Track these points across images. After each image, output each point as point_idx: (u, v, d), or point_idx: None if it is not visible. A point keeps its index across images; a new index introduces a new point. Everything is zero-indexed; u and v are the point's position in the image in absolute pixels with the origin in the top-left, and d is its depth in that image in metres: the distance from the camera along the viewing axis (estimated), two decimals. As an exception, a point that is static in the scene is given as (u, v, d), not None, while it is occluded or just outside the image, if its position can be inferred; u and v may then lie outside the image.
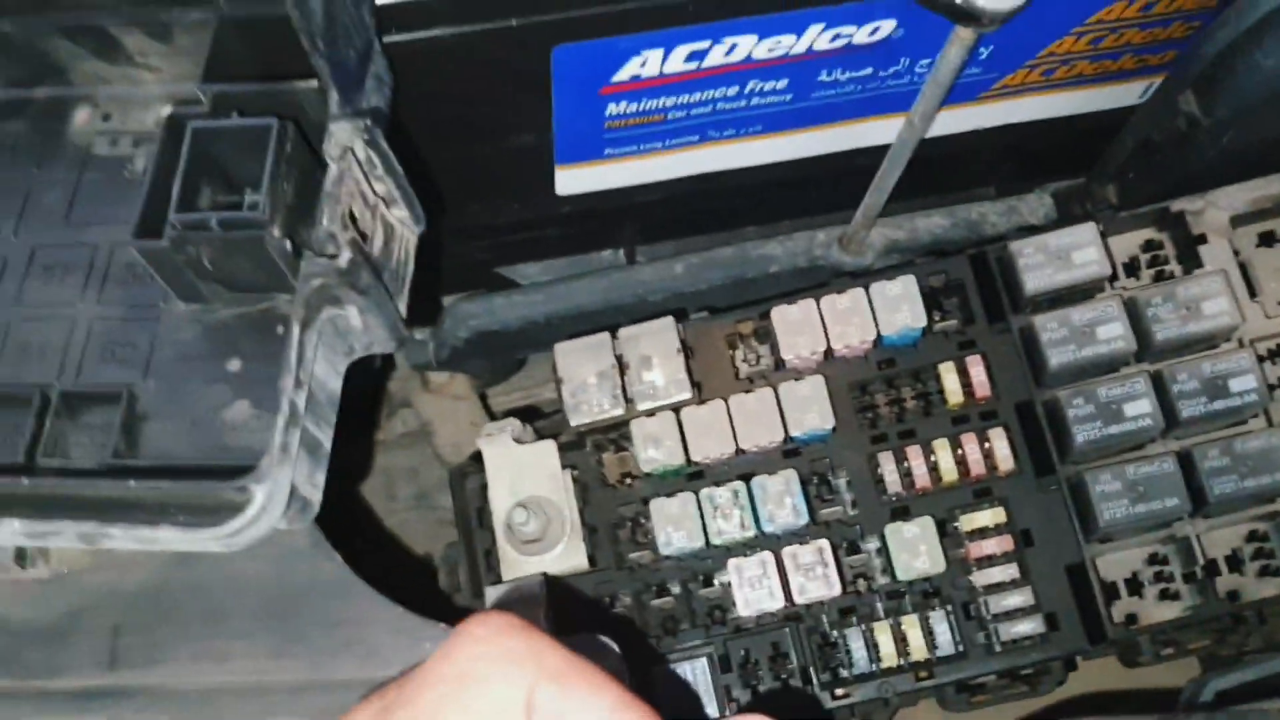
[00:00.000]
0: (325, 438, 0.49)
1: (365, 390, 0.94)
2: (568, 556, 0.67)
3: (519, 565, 0.67)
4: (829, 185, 0.80)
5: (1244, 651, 0.66)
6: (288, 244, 0.49)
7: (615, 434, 0.68)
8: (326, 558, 0.55)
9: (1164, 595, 0.63)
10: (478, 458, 0.70)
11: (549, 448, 0.69)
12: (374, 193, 0.49)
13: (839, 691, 0.62)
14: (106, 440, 0.51)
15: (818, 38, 0.62)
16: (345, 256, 0.46)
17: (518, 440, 0.70)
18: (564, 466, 0.68)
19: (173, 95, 0.57)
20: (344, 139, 0.47)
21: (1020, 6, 0.54)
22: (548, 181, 0.72)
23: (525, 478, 0.68)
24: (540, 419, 0.87)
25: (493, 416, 0.98)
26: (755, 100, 0.67)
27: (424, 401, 0.95)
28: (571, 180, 0.72)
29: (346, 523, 0.95)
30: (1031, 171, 0.84)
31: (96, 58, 0.56)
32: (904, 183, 0.70)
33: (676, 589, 0.65)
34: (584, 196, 0.74)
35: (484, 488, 0.69)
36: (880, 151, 0.74)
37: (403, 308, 0.51)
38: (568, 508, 0.67)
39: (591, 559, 0.66)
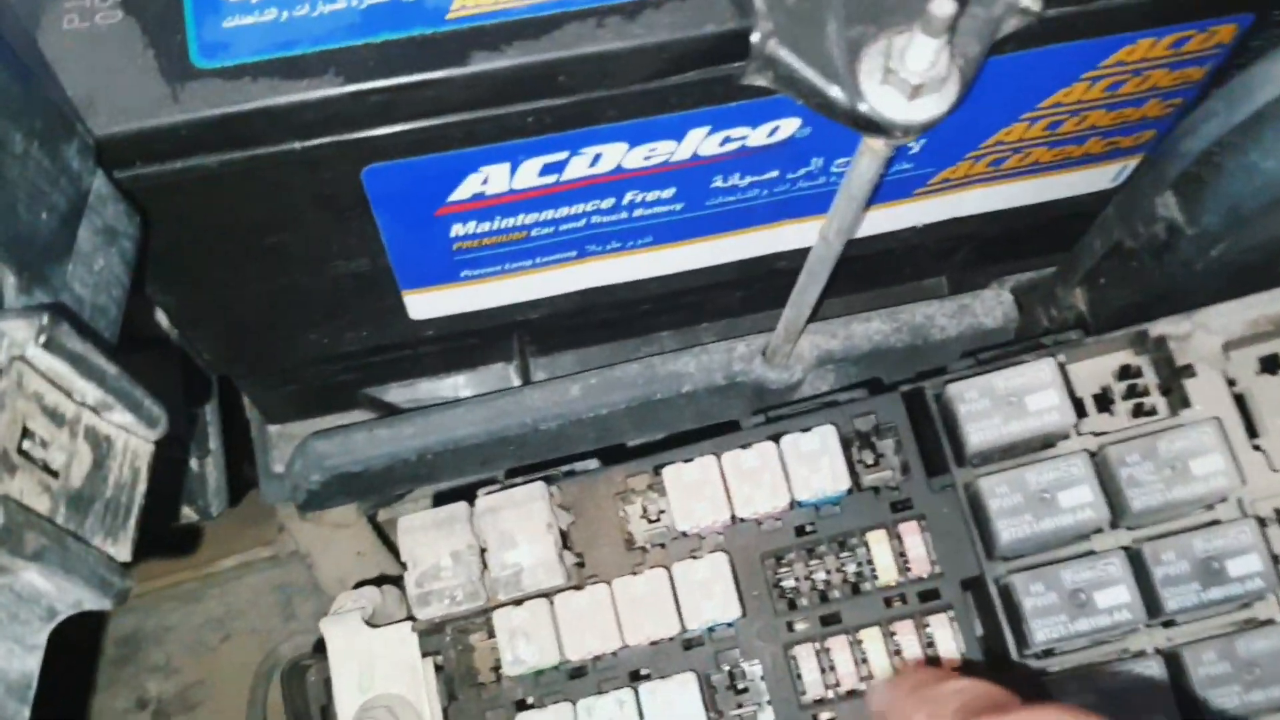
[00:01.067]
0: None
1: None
2: (425, 771, 0.53)
3: (367, 782, 0.54)
4: (748, 288, 0.68)
5: None
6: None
7: (483, 617, 0.54)
8: None
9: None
10: (320, 646, 0.57)
11: (407, 633, 0.56)
12: (74, 403, 0.36)
13: None
14: None
15: (703, 142, 0.49)
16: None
17: (370, 623, 0.57)
18: (425, 654, 0.55)
19: None
20: (10, 344, 0.34)
21: (940, 117, 0.41)
22: (397, 307, 0.58)
23: (377, 671, 0.55)
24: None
25: (384, 539, 0.85)
26: (639, 211, 0.54)
27: (300, 529, 0.82)
28: (425, 305, 0.59)
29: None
30: (991, 258, 0.71)
31: None
32: (838, 278, 0.57)
33: (551, 818, 0.52)
34: (447, 319, 0.61)
35: (327, 682, 0.56)
36: (803, 254, 0.61)
37: (124, 546, 0.38)
38: (428, 710, 0.54)
39: (453, 775, 0.53)
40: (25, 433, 0.35)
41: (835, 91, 0.42)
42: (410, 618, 0.55)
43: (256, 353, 0.61)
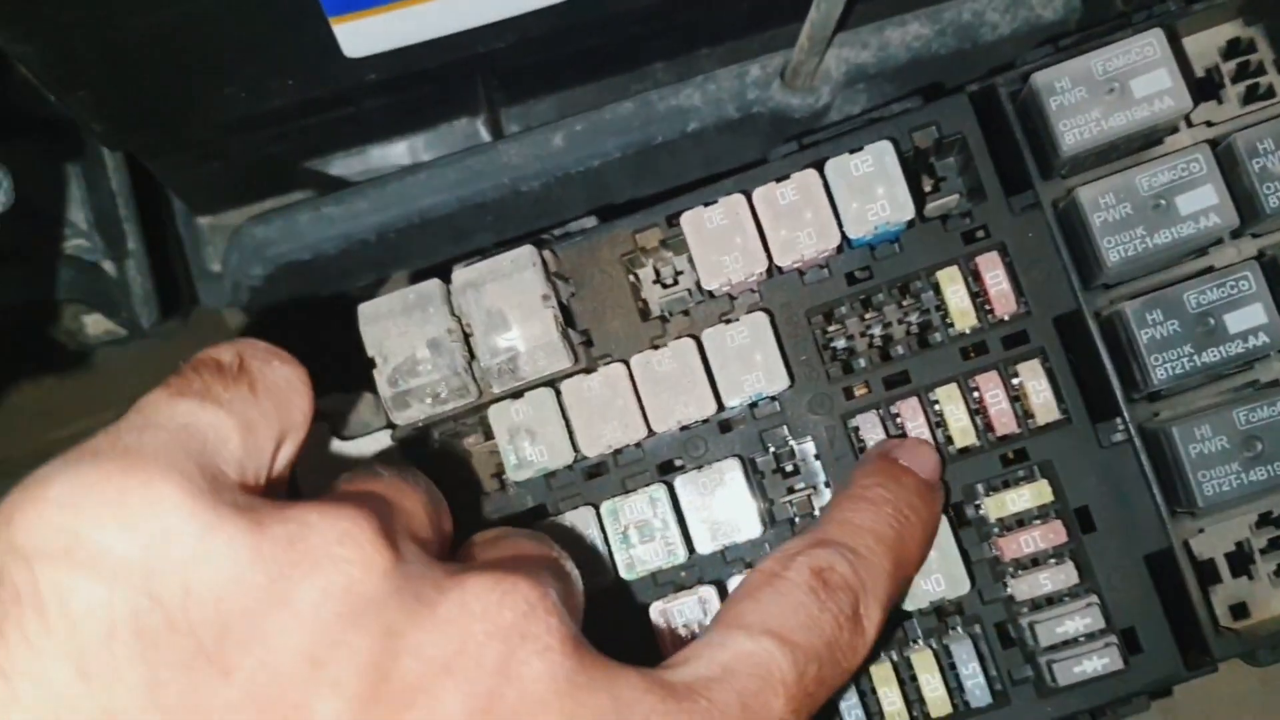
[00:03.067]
0: None
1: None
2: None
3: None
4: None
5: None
6: None
7: (477, 415, 0.44)
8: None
9: (1281, 572, 0.41)
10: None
11: (384, 443, 0.45)
12: None
13: (829, 771, 0.41)
14: None
15: None
16: None
17: (339, 436, 0.47)
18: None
19: None
20: None
21: None
22: (327, 41, 0.45)
23: (356, 489, 0.45)
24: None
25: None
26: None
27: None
28: (360, 37, 0.45)
29: None
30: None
31: None
32: None
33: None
34: (390, 56, 0.47)
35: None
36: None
37: None
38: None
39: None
40: None
41: None
42: (389, 425, 0.45)
43: (159, 115, 0.48)
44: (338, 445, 0.46)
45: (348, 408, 0.49)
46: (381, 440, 0.46)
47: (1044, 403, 0.41)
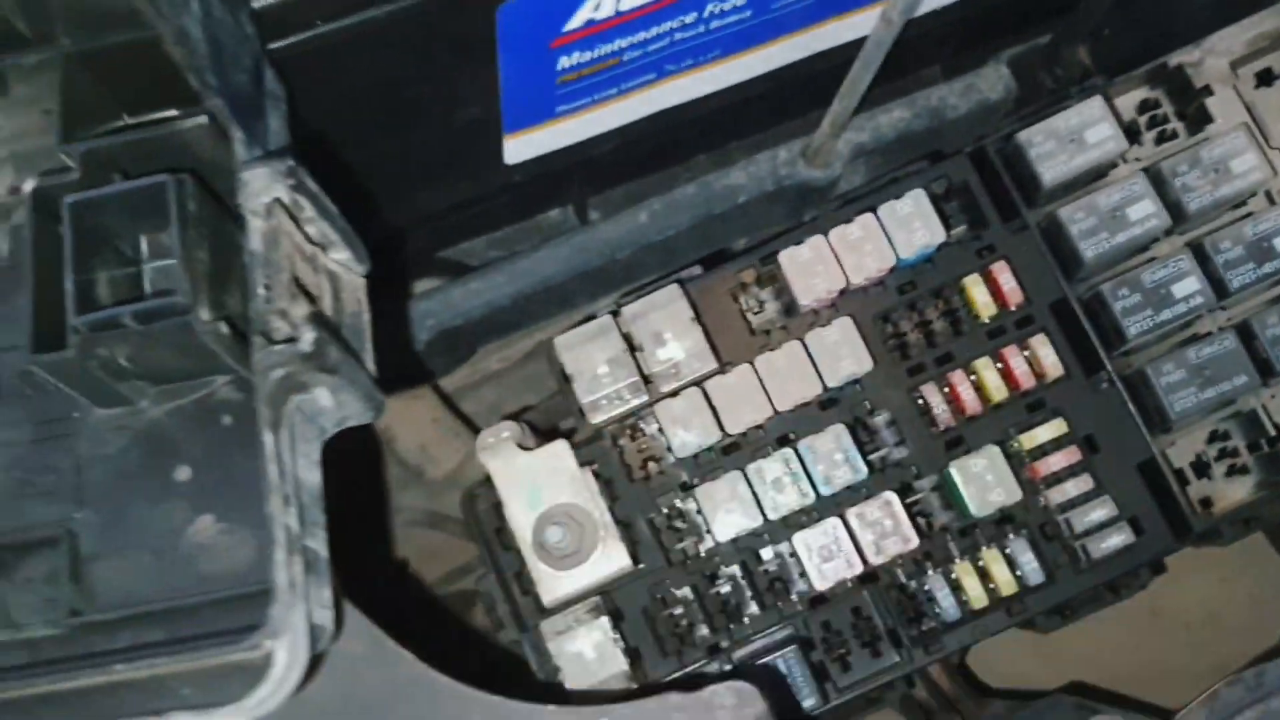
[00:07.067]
0: (323, 545, 0.35)
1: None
2: (608, 561, 0.54)
3: (557, 583, 0.54)
4: (782, 96, 0.67)
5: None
6: (222, 326, 0.34)
7: (631, 419, 0.55)
8: (394, 659, 0.41)
9: (1232, 471, 0.54)
10: (486, 480, 0.57)
11: (562, 449, 0.56)
12: (309, 241, 0.35)
13: (932, 647, 0.52)
14: (56, 595, 0.36)
15: (783, -59, 0.48)
16: (309, 337, 0.31)
17: (522, 446, 0.57)
18: (581, 464, 0.55)
19: (18, 154, 0.40)
20: (265, 188, 0.32)
21: None
22: (496, 153, 0.57)
23: (543, 486, 0.55)
24: (526, 411, 0.74)
25: (451, 406, 0.84)
26: (714, 24, 0.53)
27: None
28: (522, 147, 0.57)
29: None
30: (975, 42, 0.71)
31: (-89, 124, 0.39)
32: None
33: (735, 571, 0.54)
34: (535, 161, 0.59)
35: (497, 506, 0.56)
36: (839, 53, 0.61)
37: (371, 366, 0.37)
38: (597, 509, 0.55)
39: (633, 558, 0.54)
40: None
41: None
42: (564, 435, 0.55)
43: (369, 217, 0.59)
44: (524, 455, 0.56)
45: (518, 432, 0.58)
46: (556, 448, 0.56)
47: (1051, 364, 0.54)
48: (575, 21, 0.47)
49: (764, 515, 0.52)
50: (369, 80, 0.45)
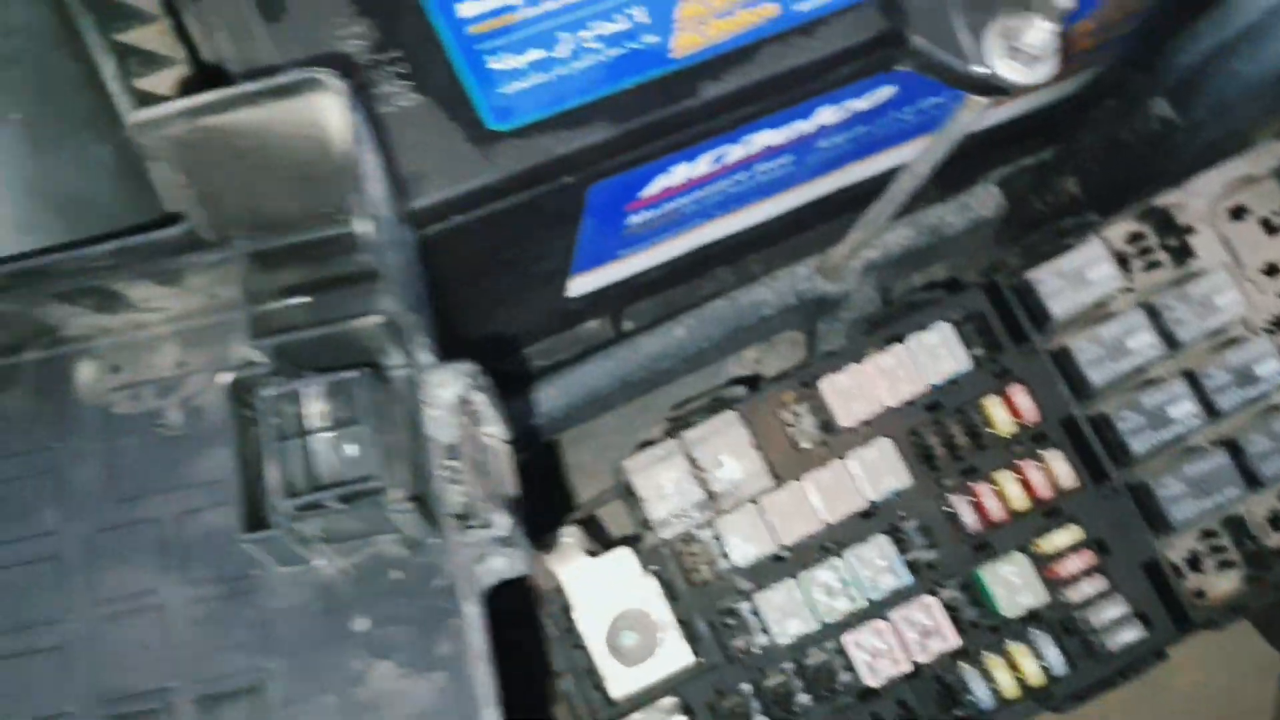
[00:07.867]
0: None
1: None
2: (671, 658, 0.60)
3: (626, 680, 0.60)
4: (800, 219, 0.74)
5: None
6: (409, 505, 0.39)
7: (685, 532, 0.61)
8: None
9: (1221, 566, 0.61)
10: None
11: (626, 555, 0.61)
12: (473, 423, 0.40)
13: (969, 732, 0.58)
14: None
15: (826, 116, 0.55)
16: (504, 524, 0.37)
17: (590, 553, 0.62)
18: (645, 570, 0.61)
19: (183, 332, 0.45)
20: (455, 391, 0.38)
21: (1048, 78, 0.48)
22: (561, 289, 0.63)
23: (611, 591, 0.61)
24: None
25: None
26: (760, 178, 0.60)
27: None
28: (584, 283, 0.63)
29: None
30: (973, 168, 0.79)
31: (95, 312, 0.44)
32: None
33: (789, 666, 0.60)
34: (592, 294, 0.65)
35: (565, 609, 0.62)
36: (862, 185, 0.67)
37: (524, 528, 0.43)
38: (660, 611, 0.60)
39: (694, 654, 0.60)
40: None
41: (975, 69, 0.48)
42: (629, 542, 0.61)
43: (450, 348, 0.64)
44: (591, 562, 0.62)
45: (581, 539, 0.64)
46: (620, 554, 0.62)
47: (1066, 475, 0.60)
48: (652, 189, 0.53)
49: (820, 620, 0.58)
50: (476, 250, 0.51)
